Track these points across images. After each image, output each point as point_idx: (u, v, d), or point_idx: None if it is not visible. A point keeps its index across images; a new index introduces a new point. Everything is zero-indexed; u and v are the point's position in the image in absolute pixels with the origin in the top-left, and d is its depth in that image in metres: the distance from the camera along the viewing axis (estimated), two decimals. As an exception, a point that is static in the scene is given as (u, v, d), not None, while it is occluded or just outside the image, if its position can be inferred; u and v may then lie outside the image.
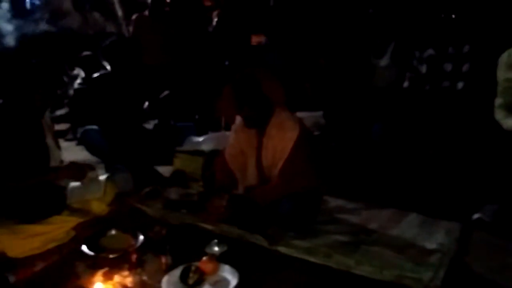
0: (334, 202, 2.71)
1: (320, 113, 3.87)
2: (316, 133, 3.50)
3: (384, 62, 3.26)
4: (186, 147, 3.14)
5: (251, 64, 3.48)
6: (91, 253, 2.05)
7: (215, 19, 4.47)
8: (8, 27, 5.26)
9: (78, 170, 2.33)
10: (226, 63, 4.36)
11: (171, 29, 4.29)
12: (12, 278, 1.93)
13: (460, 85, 2.92)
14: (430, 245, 2.15)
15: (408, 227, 2.39)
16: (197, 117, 4.13)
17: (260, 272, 1.99)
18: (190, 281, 1.84)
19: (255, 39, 4.51)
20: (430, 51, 3.03)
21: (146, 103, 3.41)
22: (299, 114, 2.70)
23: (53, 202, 2.32)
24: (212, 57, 4.26)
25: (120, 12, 6.55)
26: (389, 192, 2.78)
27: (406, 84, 3.10)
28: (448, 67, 2.96)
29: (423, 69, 3.04)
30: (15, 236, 2.09)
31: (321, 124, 3.85)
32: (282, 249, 2.16)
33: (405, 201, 2.67)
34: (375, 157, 3.03)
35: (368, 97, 3.25)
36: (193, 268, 1.88)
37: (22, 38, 4.62)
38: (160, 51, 4.13)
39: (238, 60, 4.08)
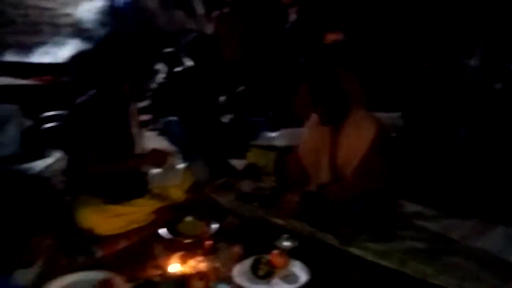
0: (411, 207, 2.59)
1: (397, 114, 3.72)
2: (392, 134, 3.37)
3: (474, 62, 3.04)
4: (260, 141, 3.19)
5: (328, 61, 3.43)
6: (169, 236, 2.16)
7: (293, 16, 4.46)
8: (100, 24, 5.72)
9: (160, 157, 2.47)
10: (302, 60, 4.34)
11: (250, 26, 4.37)
12: (99, 253, 2.10)
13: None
14: (517, 260, 1.98)
15: (493, 240, 2.21)
16: (271, 113, 4.16)
17: (331, 272, 1.96)
18: (261, 273, 1.87)
19: (331, 37, 4.43)
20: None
21: (222, 98, 3.52)
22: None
23: (136, 186, 2.49)
24: (288, 54, 4.27)
25: (201, 10, 6.80)
26: (473, 201, 2.59)
27: (498, 85, 2.87)
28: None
29: (518, 70, 2.80)
30: (102, 215, 2.26)
31: (397, 125, 3.70)
32: (354, 250, 2.11)
33: (491, 212, 2.47)
34: (460, 162, 2.84)
35: (456, 98, 3.05)
36: (264, 260, 1.90)
37: (115, 34, 4.98)
38: (238, 48, 4.23)
39: (314, 58, 4.04)
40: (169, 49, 4.65)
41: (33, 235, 1.24)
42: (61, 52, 5.15)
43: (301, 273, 1.87)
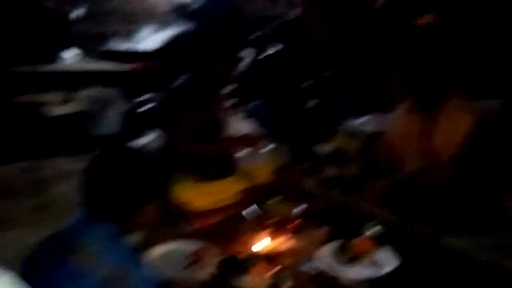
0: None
1: (496, 101, 3.42)
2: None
3: None
4: (346, 127, 3.14)
5: (423, 45, 3.24)
6: (258, 214, 2.25)
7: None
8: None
9: (249, 140, 2.57)
10: (397, 42, 4.14)
11: (337, 9, 4.26)
12: (194, 225, 2.25)
13: None
14: None
15: None
16: (358, 98, 4.07)
17: (419, 261, 1.90)
18: (346, 256, 1.88)
19: (423, 20, 4.17)
20: None
21: (309, 82, 3.52)
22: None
23: (225, 166, 2.61)
24: (377, 37, 4.11)
25: (285, -5, 6.78)
26: None
27: None
28: None
29: None
30: (196, 191, 2.42)
31: (497, 113, 3.41)
32: (447, 241, 2.01)
33: None
34: None
35: None
36: (350, 244, 1.91)
37: (207, 21, 5.20)
38: (326, 31, 4.15)
39: (406, 41, 3.85)
40: (257, 33, 4.72)
41: (142, 204, 1.37)
42: (155, 39, 5.49)
43: (389, 260, 1.85)
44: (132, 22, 5.70)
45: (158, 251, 1.98)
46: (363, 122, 3.09)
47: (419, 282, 1.78)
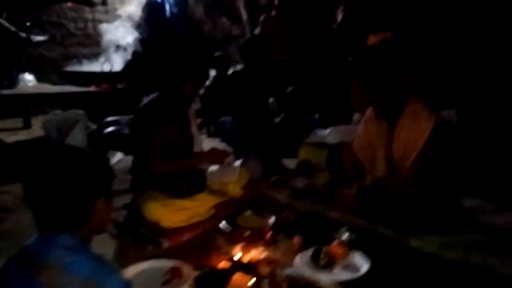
0: (470, 201, 2.53)
1: (451, 111, 3.64)
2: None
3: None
4: (312, 139, 3.23)
5: (380, 58, 3.42)
6: (230, 229, 2.26)
7: (339, 16, 4.48)
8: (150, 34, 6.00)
9: (219, 155, 2.59)
10: (350, 59, 4.34)
11: (297, 27, 4.43)
12: (165, 244, 2.23)
13: None
14: None
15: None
16: (321, 111, 4.20)
17: (390, 263, 1.97)
18: (322, 262, 1.92)
19: (375, 38, 4.40)
20: None
21: (272, 99, 3.60)
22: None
23: (196, 182, 2.61)
24: (335, 53, 4.29)
25: (245, 16, 6.96)
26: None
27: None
28: None
29: None
30: (167, 208, 2.39)
31: (451, 122, 3.62)
32: (414, 242, 2.10)
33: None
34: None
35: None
36: (324, 250, 1.95)
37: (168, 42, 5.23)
38: (286, 49, 4.30)
39: (363, 56, 4.04)
40: (218, 53, 4.80)
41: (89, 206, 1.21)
42: (116, 61, 5.46)
43: (362, 263, 1.90)
44: (92, 45, 5.66)
45: (133, 271, 1.94)
46: (328, 134, 3.19)
47: (391, 282, 1.84)
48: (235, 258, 1.95)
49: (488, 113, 3.19)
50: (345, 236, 2.12)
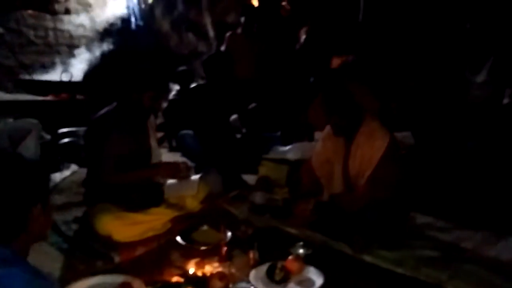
0: (422, 219, 2.63)
1: (407, 133, 3.78)
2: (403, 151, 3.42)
3: (480, 78, 3.12)
4: (272, 155, 3.25)
5: (339, 78, 3.53)
6: (185, 243, 2.21)
7: (303, 37, 4.61)
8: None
9: (173, 169, 2.55)
10: (311, 79, 4.45)
11: (262, 46, 4.51)
12: (117, 258, 2.15)
13: None
14: (532, 268, 2.00)
15: (506, 249, 2.24)
16: (282, 129, 4.26)
17: (344, 278, 1.99)
18: (277, 278, 1.90)
19: (338, 61, 4.55)
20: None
21: (235, 115, 3.62)
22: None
23: (152, 196, 2.55)
24: (298, 73, 4.39)
25: (211, 33, 7.01)
26: (482, 213, 2.62)
27: (506, 100, 2.94)
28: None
29: (526, 85, 2.87)
30: (120, 222, 2.31)
31: (407, 144, 3.76)
32: (367, 258, 2.14)
33: (500, 224, 2.50)
34: (469, 175, 2.88)
35: (463, 114, 3.12)
36: (279, 265, 1.94)
37: (129, 53, 5.16)
38: (250, 66, 4.36)
39: (324, 76, 4.15)
40: (182, 67, 4.79)
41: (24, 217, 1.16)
42: (76, 71, 5.33)
43: (316, 278, 1.90)
44: (52, 54, 5.50)
45: (78, 286, 1.84)
46: (289, 150, 3.22)
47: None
48: (188, 273, 1.90)
49: (442, 135, 3.34)
50: (301, 251, 2.13)
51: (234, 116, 3.97)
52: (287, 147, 3.31)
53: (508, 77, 2.94)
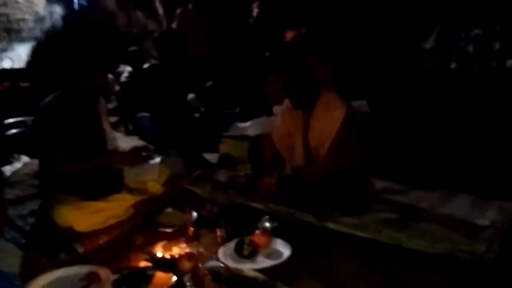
0: (381, 183, 2.72)
1: (362, 102, 3.87)
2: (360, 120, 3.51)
3: (429, 44, 3.22)
4: (232, 132, 3.24)
5: (295, 51, 3.53)
6: (150, 228, 2.18)
7: (255, 11, 4.55)
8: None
9: (127, 158, 2.49)
10: (267, 54, 4.43)
11: (214, 22, 4.41)
12: (81, 249, 2.09)
13: (509, 63, 2.86)
14: (483, 221, 2.14)
15: (458, 206, 2.37)
16: (240, 105, 4.24)
17: (311, 246, 2.04)
18: (245, 253, 1.93)
19: (291, 35, 4.54)
20: (477, 31, 2.98)
21: (192, 94, 3.55)
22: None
23: (111, 182, 2.48)
24: (253, 47, 4.35)
25: (161, 10, 6.76)
26: (437, 174, 2.76)
27: (453, 65, 3.06)
28: (496, 45, 2.90)
29: (470, 49, 3.00)
30: (80, 212, 2.24)
31: (363, 112, 3.86)
32: (331, 225, 2.20)
33: (454, 183, 2.64)
34: (422, 139, 3.01)
35: (414, 80, 3.22)
36: (247, 240, 1.96)
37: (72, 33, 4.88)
38: (204, 43, 4.26)
39: (280, 50, 4.14)
40: (133, 48, 4.60)
41: None
42: (18, 57, 5.00)
43: (284, 249, 1.95)
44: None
45: (43, 281, 1.78)
46: (248, 126, 3.22)
47: (311, 264, 1.91)
48: (156, 257, 1.88)
49: (395, 102, 3.45)
50: (267, 224, 2.15)
51: (191, 95, 3.90)
52: (247, 123, 3.30)
53: (455, 42, 3.05)
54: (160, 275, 1.74)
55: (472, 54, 2.97)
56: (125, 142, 3.69)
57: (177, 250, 2.02)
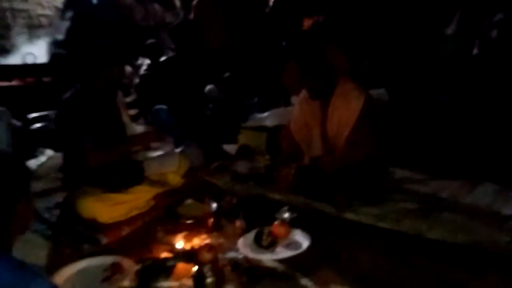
0: (401, 173, 2.70)
1: (381, 90, 3.81)
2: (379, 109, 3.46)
3: (450, 30, 3.14)
4: (250, 123, 3.24)
5: (311, 40, 3.49)
6: (171, 218, 2.21)
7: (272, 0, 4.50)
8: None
9: (149, 136, 2.54)
10: (284, 43, 4.39)
11: (231, 12, 4.39)
12: (104, 240, 2.14)
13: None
14: (507, 211, 2.09)
15: (481, 195, 2.33)
16: (258, 95, 4.23)
17: (331, 236, 2.04)
18: (264, 243, 1.94)
19: (308, 23, 4.48)
20: (500, 16, 2.88)
21: (211, 85, 3.56)
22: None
23: (133, 174, 2.52)
24: (270, 37, 4.31)
25: (178, 2, 6.77)
26: (459, 163, 2.71)
27: (475, 51, 2.98)
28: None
29: (494, 34, 2.90)
30: (103, 203, 2.29)
31: (382, 100, 3.79)
32: (350, 215, 2.20)
33: (476, 171, 2.59)
34: (444, 127, 2.94)
35: (435, 66, 3.15)
36: (266, 231, 1.98)
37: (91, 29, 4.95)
38: (220, 34, 4.25)
39: (296, 39, 4.10)
40: (151, 40, 4.63)
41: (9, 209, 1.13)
42: (40, 52, 5.10)
43: (303, 240, 1.95)
44: (10, 36, 5.22)
45: (68, 271, 1.84)
46: (266, 117, 3.22)
47: (330, 255, 1.91)
48: (177, 248, 1.91)
49: (416, 89, 3.38)
50: (286, 215, 2.16)
51: (209, 86, 3.91)
52: (265, 114, 3.30)
53: (477, 28, 2.96)
54: (181, 266, 1.78)
55: (495, 39, 2.87)
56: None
57: (198, 241, 2.05)
